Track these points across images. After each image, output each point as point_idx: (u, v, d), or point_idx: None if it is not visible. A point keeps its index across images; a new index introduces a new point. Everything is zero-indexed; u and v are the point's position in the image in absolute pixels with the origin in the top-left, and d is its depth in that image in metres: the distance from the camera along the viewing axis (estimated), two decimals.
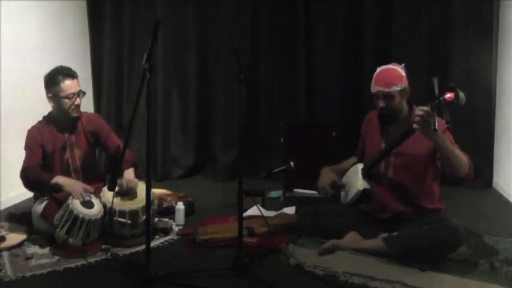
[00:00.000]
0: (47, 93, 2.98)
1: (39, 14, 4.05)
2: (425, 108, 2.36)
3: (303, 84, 4.47)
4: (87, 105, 3.12)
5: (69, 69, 3.00)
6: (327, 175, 3.02)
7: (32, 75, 3.83)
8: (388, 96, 2.65)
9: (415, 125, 2.40)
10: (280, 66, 4.51)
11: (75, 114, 3.02)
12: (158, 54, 4.49)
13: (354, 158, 3.10)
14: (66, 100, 2.95)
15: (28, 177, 2.90)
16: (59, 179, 2.87)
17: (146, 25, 4.55)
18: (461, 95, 2.36)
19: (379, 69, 2.72)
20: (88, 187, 2.90)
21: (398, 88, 2.63)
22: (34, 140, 2.98)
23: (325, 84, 4.43)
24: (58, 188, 2.85)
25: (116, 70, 4.75)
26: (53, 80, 2.94)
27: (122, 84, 4.78)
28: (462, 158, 2.50)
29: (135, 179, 3.06)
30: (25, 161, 2.95)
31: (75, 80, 2.98)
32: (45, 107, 3.14)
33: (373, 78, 2.70)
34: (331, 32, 4.37)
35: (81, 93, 3.02)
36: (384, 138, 2.80)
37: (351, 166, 2.99)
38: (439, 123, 2.33)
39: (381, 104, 2.68)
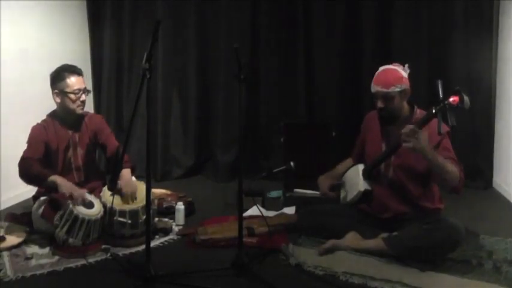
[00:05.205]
0: (53, 90, 3.01)
1: (39, 14, 4.05)
2: (411, 126, 2.43)
3: (303, 84, 4.47)
4: (87, 104, 3.12)
5: (75, 66, 3.06)
6: (324, 181, 3.03)
7: (32, 75, 3.84)
8: (387, 97, 2.64)
9: (404, 144, 2.46)
10: (280, 66, 4.51)
11: (80, 111, 3.04)
12: (158, 54, 4.49)
13: (349, 160, 3.09)
14: (72, 95, 2.97)
15: (27, 168, 2.87)
16: (57, 179, 2.85)
17: (146, 25, 4.55)
18: (466, 98, 2.34)
19: (380, 69, 2.71)
20: (78, 197, 2.79)
21: (397, 89, 2.62)
22: (38, 137, 2.99)
23: (325, 84, 4.43)
24: (54, 186, 2.83)
25: (116, 70, 4.75)
26: (59, 76, 2.99)
27: (121, 84, 4.78)
28: (452, 173, 2.50)
29: (134, 180, 3.06)
30: (25, 152, 2.94)
31: (80, 77, 3.03)
32: (44, 107, 3.14)
33: (374, 78, 2.70)
34: (331, 32, 4.37)
35: (86, 91, 3.04)
36: (384, 138, 2.79)
37: (347, 169, 2.99)
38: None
39: (380, 104, 2.68)
